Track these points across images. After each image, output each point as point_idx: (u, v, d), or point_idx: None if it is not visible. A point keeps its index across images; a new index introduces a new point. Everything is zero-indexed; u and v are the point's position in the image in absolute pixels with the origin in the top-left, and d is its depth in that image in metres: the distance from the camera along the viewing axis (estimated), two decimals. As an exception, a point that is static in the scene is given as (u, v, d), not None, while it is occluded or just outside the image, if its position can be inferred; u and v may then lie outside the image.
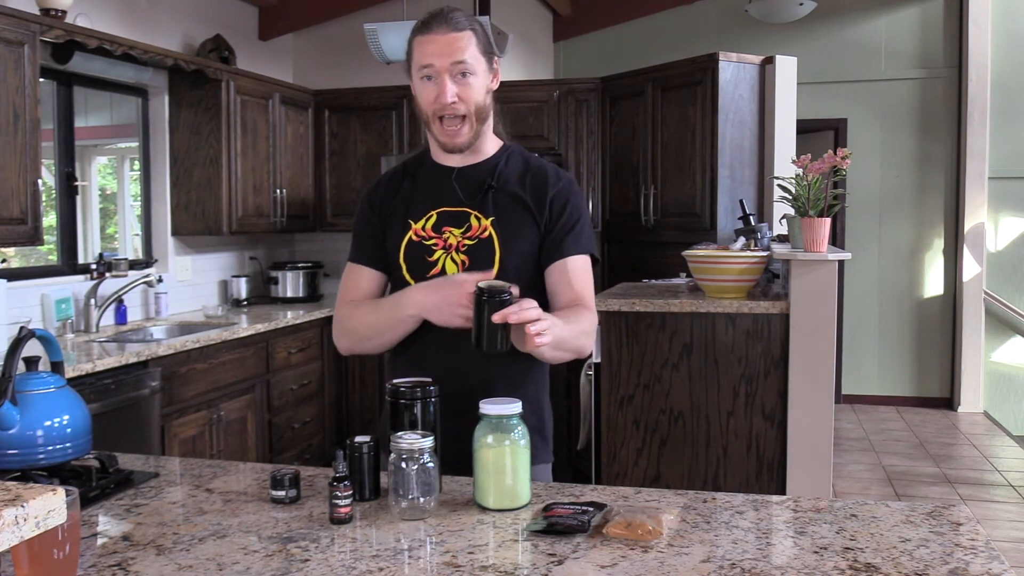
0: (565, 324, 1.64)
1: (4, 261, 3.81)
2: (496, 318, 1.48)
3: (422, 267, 1.79)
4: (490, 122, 1.83)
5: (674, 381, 3.63)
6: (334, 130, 5.65)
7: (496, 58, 1.81)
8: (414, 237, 1.80)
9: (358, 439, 1.51)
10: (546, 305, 1.77)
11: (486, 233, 1.77)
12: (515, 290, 1.56)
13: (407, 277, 1.80)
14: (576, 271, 1.79)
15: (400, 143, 5.55)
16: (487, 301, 1.50)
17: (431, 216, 1.80)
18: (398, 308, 1.73)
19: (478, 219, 1.78)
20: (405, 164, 1.92)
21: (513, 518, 1.42)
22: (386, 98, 5.56)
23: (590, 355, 3.80)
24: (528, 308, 1.49)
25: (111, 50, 3.94)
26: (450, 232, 1.79)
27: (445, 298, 1.63)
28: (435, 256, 1.78)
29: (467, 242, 1.77)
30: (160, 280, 4.44)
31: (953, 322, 6.75)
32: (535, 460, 1.79)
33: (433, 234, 1.79)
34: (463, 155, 1.82)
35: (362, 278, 1.87)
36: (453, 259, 1.77)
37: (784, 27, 6.54)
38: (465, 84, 1.73)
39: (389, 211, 1.85)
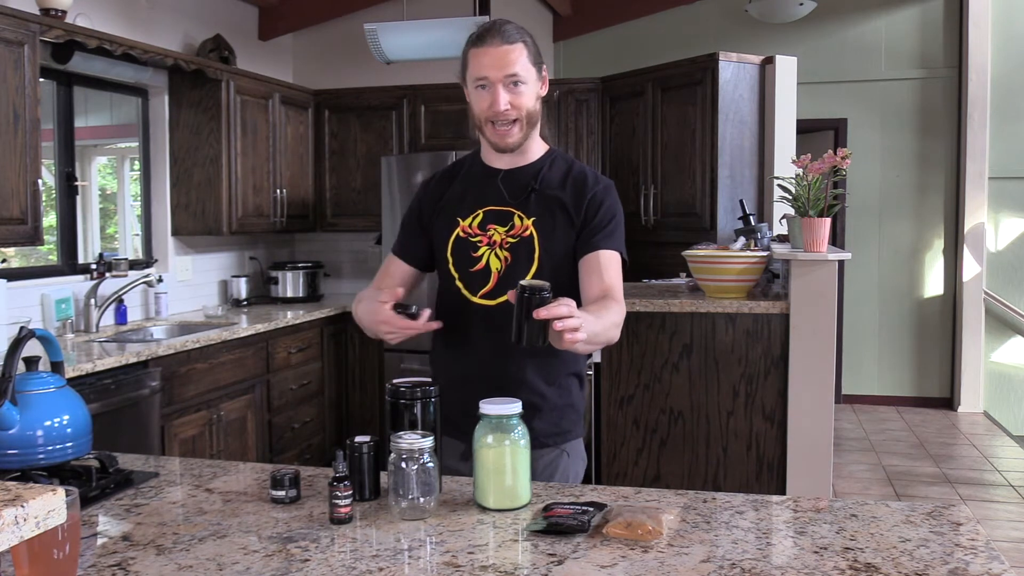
0: (596, 319, 1.69)
1: (4, 261, 3.81)
2: (534, 314, 1.53)
3: (467, 262, 1.91)
4: (538, 126, 1.94)
5: (674, 381, 3.63)
6: (334, 130, 5.65)
7: (544, 67, 1.92)
8: (461, 234, 1.93)
9: (358, 439, 1.52)
10: (578, 297, 1.86)
11: (527, 232, 1.89)
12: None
13: (452, 270, 1.93)
14: (607, 264, 1.88)
15: (400, 143, 5.55)
16: (527, 298, 1.54)
17: (478, 214, 1.93)
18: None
19: (521, 219, 1.90)
20: (458, 163, 2.05)
21: (513, 518, 1.42)
22: (386, 98, 5.56)
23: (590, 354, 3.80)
24: (561, 305, 1.53)
25: (111, 50, 3.94)
26: (495, 230, 1.91)
27: (373, 319, 1.77)
28: (479, 252, 1.91)
29: (510, 240, 1.89)
30: (160, 280, 4.44)
31: (953, 322, 6.75)
32: (571, 436, 1.94)
33: (479, 231, 1.92)
34: (511, 157, 1.93)
35: (393, 268, 2.04)
36: (497, 255, 1.90)
37: (784, 27, 6.53)
38: (517, 93, 1.84)
39: (438, 208, 1.98)
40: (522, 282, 1.57)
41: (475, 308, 1.90)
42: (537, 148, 1.96)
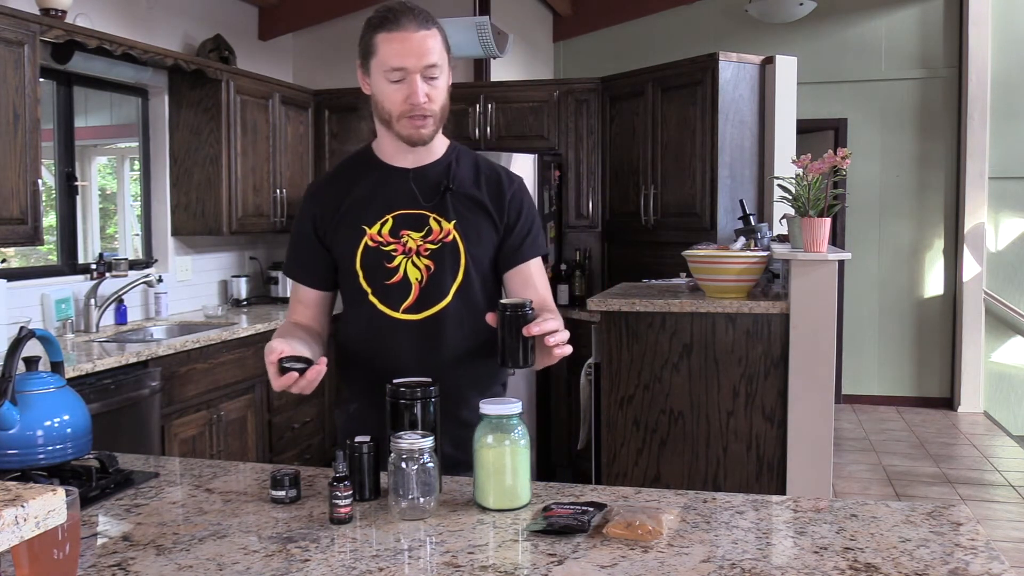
0: None
1: (4, 261, 3.81)
2: (525, 332, 1.46)
3: (381, 273, 1.74)
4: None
5: (674, 381, 3.63)
6: (334, 130, 5.65)
7: (451, 56, 1.76)
8: (370, 243, 1.74)
9: (358, 439, 1.51)
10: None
11: (449, 237, 1.74)
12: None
13: (364, 284, 1.75)
14: (538, 275, 1.81)
15: (400, 143, 5.55)
16: (512, 317, 1.47)
17: (387, 220, 1.75)
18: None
19: (438, 222, 1.74)
20: (346, 166, 1.85)
21: (513, 518, 1.42)
22: (386, 98, 5.55)
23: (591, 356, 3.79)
24: (549, 320, 1.48)
25: (111, 50, 3.94)
26: (409, 236, 1.74)
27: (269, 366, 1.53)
28: (395, 262, 1.74)
29: (429, 246, 1.73)
30: (160, 280, 4.44)
31: (953, 322, 6.75)
32: None
33: (391, 239, 1.74)
34: (415, 155, 1.77)
35: (303, 295, 1.85)
36: (415, 263, 1.73)
37: (784, 27, 6.53)
38: (433, 86, 1.68)
39: (336, 218, 1.78)
40: (503, 301, 1.50)
41: (397, 324, 1.73)
42: (440, 144, 1.80)
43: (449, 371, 1.71)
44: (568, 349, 1.49)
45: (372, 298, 1.75)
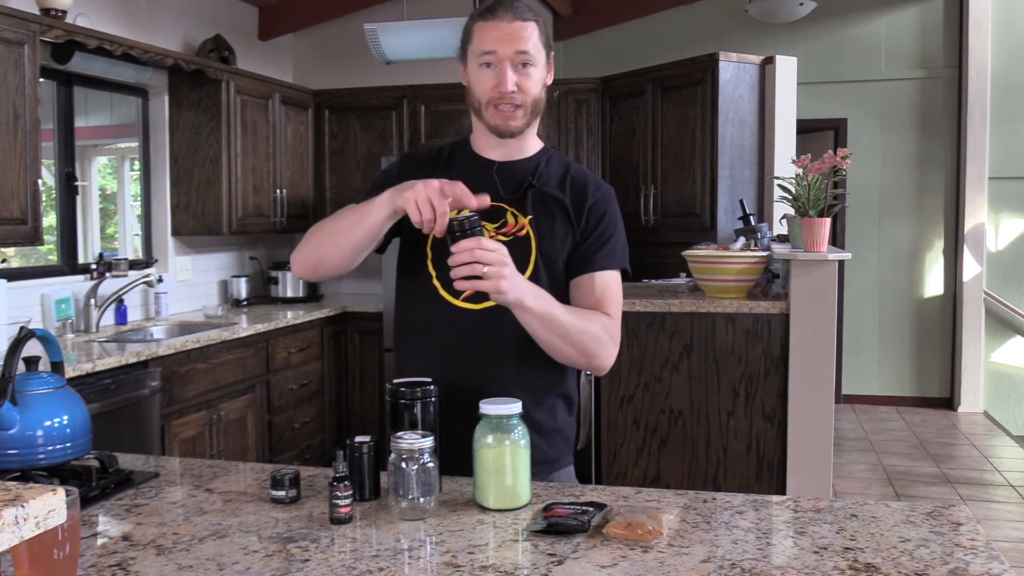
0: (568, 313, 1.61)
1: (4, 261, 3.81)
2: (453, 250, 1.49)
3: (448, 258, 1.69)
4: (538, 118, 1.78)
5: (674, 381, 3.63)
6: (334, 130, 5.65)
7: (552, 54, 1.77)
8: None
9: (358, 439, 1.51)
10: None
11: (523, 231, 1.71)
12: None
13: (431, 267, 1.73)
14: (603, 286, 1.73)
15: (400, 143, 5.55)
16: (456, 232, 1.50)
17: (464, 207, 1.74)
18: (371, 202, 1.61)
19: (515, 216, 1.72)
20: (442, 148, 1.86)
21: (513, 518, 1.42)
22: (386, 98, 5.56)
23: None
24: (475, 246, 1.47)
25: (111, 50, 3.95)
26: (483, 226, 1.70)
27: (416, 187, 1.53)
28: None
29: (501, 238, 1.69)
30: (160, 280, 4.44)
31: (953, 322, 6.75)
32: (559, 464, 1.78)
33: None
34: (506, 149, 1.77)
35: None
36: None
37: (784, 27, 6.53)
38: (525, 75, 1.68)
39: None
40: (452, 216, 1.50)
41: (455, 312, 1.69)
42: (533, 143, 1.80)
43: (499, 369, 1.68)
44: (474, 284, 1.48)
45: (435, 281, 1.72)
